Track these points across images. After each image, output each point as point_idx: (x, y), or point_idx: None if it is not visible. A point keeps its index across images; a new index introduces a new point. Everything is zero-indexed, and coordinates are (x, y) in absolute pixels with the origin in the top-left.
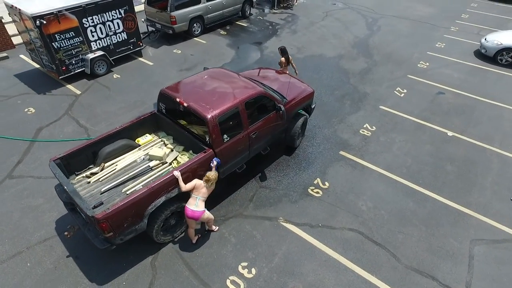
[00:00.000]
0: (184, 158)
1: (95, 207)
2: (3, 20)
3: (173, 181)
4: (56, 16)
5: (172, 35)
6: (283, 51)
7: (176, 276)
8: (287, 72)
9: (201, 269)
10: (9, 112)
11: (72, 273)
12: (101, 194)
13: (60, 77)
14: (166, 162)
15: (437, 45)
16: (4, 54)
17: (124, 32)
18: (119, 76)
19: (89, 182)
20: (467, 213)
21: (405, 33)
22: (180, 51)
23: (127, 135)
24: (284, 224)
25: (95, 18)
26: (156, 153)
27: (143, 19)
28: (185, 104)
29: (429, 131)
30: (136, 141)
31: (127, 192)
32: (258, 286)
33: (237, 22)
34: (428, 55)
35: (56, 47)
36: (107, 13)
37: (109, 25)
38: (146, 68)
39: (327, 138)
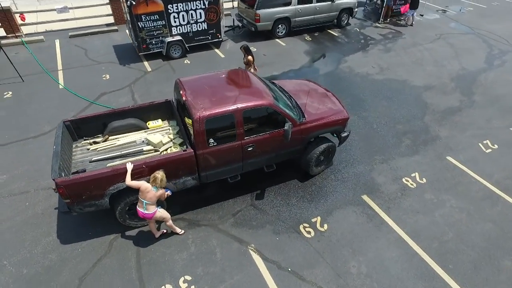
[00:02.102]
0: (175, 150)
1: (76, 172)
2: None
3: (140, 170)
4: None
5: (255, 32)
6: (247, 50)
7: (123, 262)
8: (253, 71)
9: (147, 266)
10: (91, 75)
11: (50, 224)
12: (90, 162)
13: (140, 53)
14: (158, 151)
15: None
16: (115, 28)
17: (205, 23)
18: (189, 62)
19: (88, 149)
20: None
21: None
22: (255, 49)
23: (139, 116)
24: (252, 253)
25: (180, 5)
26: (153, 140)
27: (235, 14)
28: (184, 98)
29: (502, 206)
30: (147, 123)
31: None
32: None
33: (328, 30)
34: None
35: (140, 27)
36: (191, 2)
37: (191, 13)
38: (217, 59)
39: (357, 175)
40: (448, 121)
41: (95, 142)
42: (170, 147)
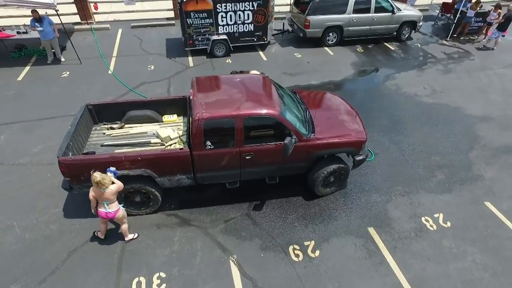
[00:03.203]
0: (176, 147)
1: (86, 153)
2: None
3: (135, 161)
4: None
5: (304, 39)
6: None
7: (110, 246)
8: None
9: (129, 254)
10: (139, 64)
11: (61, 197)
12: (101, 146)
13: (186, 48)
14: (163, 145)
15: None
16: (173, 22)
17: (252, 24)
18: (231, 62)
19: (104, 134)
20: None
21: None
22: (300, 56)
23: (157, 109)
24: (232, 264)
25: (229, 5)
26: (162, 134)
27: (287, 18)
28: (191, 97)
29: None
30: (163, 117)
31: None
32: None
33: (385, 43)
34: None
35: (189, 23)
36: (240, 3)
37: (239, 14)
38: (258, 61)
39: (369, 203)
40: (499, 160)
41: (111, 128)
42: (175, 143)
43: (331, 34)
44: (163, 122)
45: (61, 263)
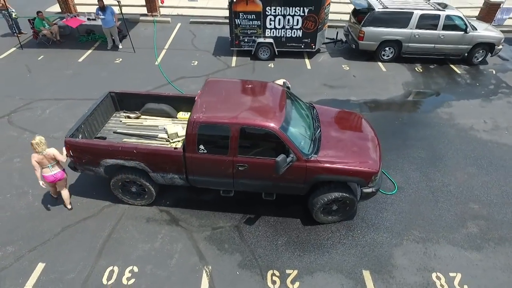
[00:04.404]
0: (178, 145)
1: (98, 137)
2: None
3: (131, 153)
4: None
5: (357, 51)
6: None
7: (99, 229)
8: None
9: (113, 241)
10: (185, 58)
11: (75, 175)
12: (113, 133)
13: (231, 48)
14: (169, 141)
15: None
16: (227, 21)
17: (301, 30)
18: (273, 66)
19: (121, 121)
20: None
21: None
22: (347, 68)
23: (174, 104)
24: (205, 275)
25: (278, 9)
26: (170, 130)
27: (344, 27)
28: (196, 98)
29: None
30: (178, 113)
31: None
32: None
33: (451, 65)
34: None
35: (237, 23)
36: (291, 8)
37: (288, 19)
38: (301, 69)
39: (374, 243)
40: None
41: (128, 117)
42: (179, 141)
43: (387, 48)
44: (177, 118)
45: (54, 236)
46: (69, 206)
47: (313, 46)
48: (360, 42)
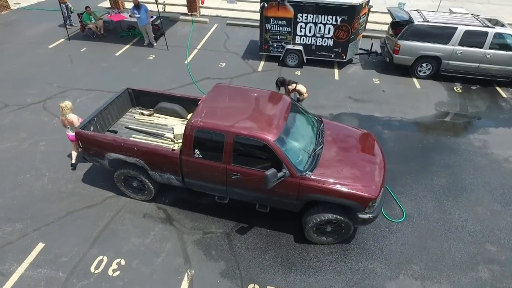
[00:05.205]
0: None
1: (110, 131)
2: None
3: (132, 150)
4: (278, 3)
5: (391, 64)
6: (282, 83)
7: (98, 218)
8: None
9: (108, 232)
10: (213, 60)
11: (88, 163)
12: (125, 128)
13: (260, 53)
14: (174, 141)
15: None
16: None
17: (332, 39)
18: (299, 74)
19: (134, 117)
20: None
21: None
22: (378, 82)
23: (186, 106)
24: (186, 279)
25: (310, 16)
26: (176, 131)
27: (380, 39)
28: (199, 102)
29: None
30: (188, 114)
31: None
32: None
33: (497, 87)
34: None
35: (267, 28)
36: (323, 16)
37: (320, 27)
38: (329, 80)
39: (366, 273)
40: None
41: (142, 114)
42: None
43: (424, 65)
44: (187, 119)
45: (58, 219)
46: (73, 161)
47: (344, 57)
48: (395, 55)
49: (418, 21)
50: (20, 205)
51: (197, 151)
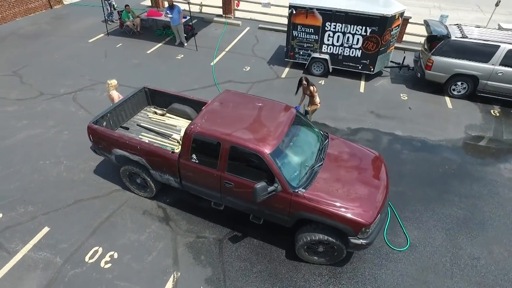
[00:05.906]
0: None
1: (122, 127)
2: None
3: (135, 148)
4: (307, 11)
5: (422, 80)
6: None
7: (101, 210)
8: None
9: (108, 224)
10: (239, 63)
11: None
12: (137, 125)
13: (285, 59)
14: (179, 143)
15: None
16: None
17: (360, 50)
18: (323, 83)
19: (147, 115)
20: None
21: None
22: (405, 98)
23: (197, 108)
24: (171, 281)
25: (338, 26)
26: (183, 133)
27: (415, 53)
28: (203, 107)
29: None
30: None
31: (138, 137)
32: (94, 272)
33: None
34: None
35: (294, 35)
36: (352, 26)
37: (348, 37)
38: (353, 92)
39: None
40: None
41: (155, 113)
42: None
43: (459, 83)
44: None
45: (65, 206)
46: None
47: (372, 69)
48: (427, 71)
49: (456, 37)
50: (36, 188)
51: (194, 156)
